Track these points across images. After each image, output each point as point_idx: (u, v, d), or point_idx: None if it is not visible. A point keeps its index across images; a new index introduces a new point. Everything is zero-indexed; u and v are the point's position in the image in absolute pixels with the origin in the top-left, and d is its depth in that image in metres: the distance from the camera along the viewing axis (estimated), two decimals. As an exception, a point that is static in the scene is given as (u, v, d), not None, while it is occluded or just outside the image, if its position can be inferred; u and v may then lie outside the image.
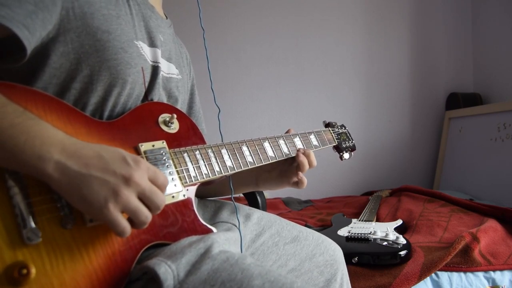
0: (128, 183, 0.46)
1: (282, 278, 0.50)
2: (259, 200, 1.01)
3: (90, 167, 0.45)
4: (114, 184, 0.45)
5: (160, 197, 0.49)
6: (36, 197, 0.47)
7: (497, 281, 1.06)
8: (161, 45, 0.74)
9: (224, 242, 0.57)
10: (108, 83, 0.61)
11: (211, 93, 0.80)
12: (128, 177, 0.46)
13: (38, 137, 0.44)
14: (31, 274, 0.42)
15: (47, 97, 0.54)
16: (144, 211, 0.48)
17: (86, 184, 0.45)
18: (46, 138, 0.45)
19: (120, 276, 0.50)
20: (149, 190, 0.48)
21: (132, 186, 0.46)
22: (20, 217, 0.44)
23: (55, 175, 0.44)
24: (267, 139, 0.79)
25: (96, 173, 0.45)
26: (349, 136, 1.04)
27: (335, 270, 0.81)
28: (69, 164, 0.44)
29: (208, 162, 0.67)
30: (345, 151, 0.99)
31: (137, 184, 0.47)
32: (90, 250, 0.49)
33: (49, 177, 0.44)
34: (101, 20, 0.61)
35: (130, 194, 0.46)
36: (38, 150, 0.44)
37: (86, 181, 0.45)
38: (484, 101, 2.38)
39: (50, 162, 0.44)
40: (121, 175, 0.46)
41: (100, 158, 0.47)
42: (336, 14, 2.39)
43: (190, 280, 0.49)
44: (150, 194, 0.48)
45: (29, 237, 0.44)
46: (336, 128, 1.01)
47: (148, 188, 0.48)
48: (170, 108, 0.70)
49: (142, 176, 0.48)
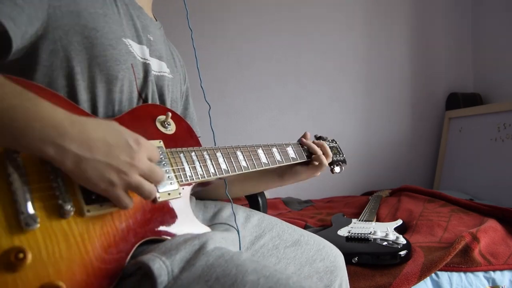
0: (131, 166, 0.49)
1: (277, 273, 0.50)
2: (259, 201, 1.01)
3: (94, 151, 0.46)
4: (118, 168, 0.48)
5: (158, 173, 0.53)
6: (35, 184, 0.47)
7: (497, 281, 1.06)
8: (151, 44, 0.75)
9: (220, 240, 0.58)
10: (98, 80, 0.62)
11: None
12: (130, 161, 0.49)
13: (38, 119, 0.44)
14: (27, 260, 0.42)
15: (43, 89, 0.55)
16: (146, 187, 0.51)
17: (90, 168, 0.46)
18: (46, 120, 0.44)
19: (115, 269, 0.51)
20: (149, 169, 0.51)
21: (134, 168, 0.49)
22: (19, 203, 0.45)
23: (58, 158, 0.45)
24: (260, 146, 0.83)
25: (99, 157, 0.47)
26: (340, 151, 1.07)
27: (335, 276, 0.80)
28: (72, 148, 0.45)
29: (204, 164, 0.68)
30: (336, 164, 1.02)
31: (138, 166, 0.50)
32: (87, 241, 0.49)
33: (53, 159, 0.45)
34: (88, 18, 0.62)
35: (132, 175, 0.49)
36: (38, 133, 0.43)
37: (90, 165, 0.46)
38: (484, 101, 2.38)
39: (52, 146, 0.44)
40: (124, 159, 0.48)
41: (104, 143, 0.48)
42: (336, 14, 2.39)
43: (185, 276, 0.49)
44: (150, 172, 0.52)
45: (27, 223, 0.44)
46: (327, 142, 1.03)
47: (148, 167, 0.51)
48: (167, 111, 0.71)
49: (142, 157, 0.50)
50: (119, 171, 0.48)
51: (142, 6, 0.77)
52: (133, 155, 0.49)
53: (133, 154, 0.49)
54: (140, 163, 0.50)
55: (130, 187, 0.50)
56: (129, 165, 0.49)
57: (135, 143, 0.50)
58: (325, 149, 0.93)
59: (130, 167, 0.49)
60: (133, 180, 0.49)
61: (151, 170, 0.52)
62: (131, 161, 0.49)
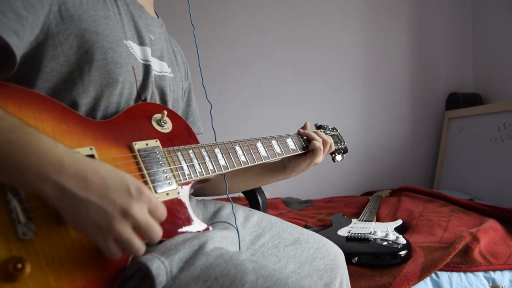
0: (125, 215, 0.44)
1: (276, 273, 0.50)
2: (259, 200, 1.01)
3: (90, 191, 0.43)
4: (110, 214, 0.43)
5: (155, 231, 0.47)
6: (30, 192, 0.46)
7: (497, 281, 1.06)
8: (152, 44, 0.74)
9: (220, 240, 0.57)
10: (99, 83, 0.62)
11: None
12: (126, 209, 0.44)
13: (35, 154, 0.42)
14: (26, 269, 0.42)
15: (41, 97, 0.54)
16: (136, 244, 0.45)
17: (83, 209, 0.43)
18: (44, 156, 0.43)
19: (116, 272, 0.50)
20: (145, 225, 0.46)
21: (128, 218, 0.44)
22: (14, 212, 0.44)
23: (54, 195, 0.43)
24: (259, 139, 0.81)
25: (94, 198, 0.43)
26: (341, 139, 1.06)
27: (335, 274, 0.80)
28: (68, 186, 0.43)
29: (202, 161, 0.67)
30: (337, 153, 1.00)
31: (134, 218, 0.45)
32: (86, 246, 0.49)
33: (48, 196, 0.43)
34: (89, 21, 0.61)
35: (124, 226, 0.44)
36: (34, 169, 0.42)
37: (83, 205, 0.43)
38: (484, 101, 2.38)
39: (48, 183, 0.42)
40: (119, 206, 0.44)
41: (102, 184, 0.44)
42: (337, 14, 2.39)
43: (183, 276, 0.49)
44: (145, 228, 0.46)
45: (24, 232, 0.44)
46: (328, 130, 1.03)
47: (145, 222, 0.46)
48: (163, 109, 0.70)
49: (141, 209, 0.46)
50: (111, 218, 0.43)
51: (143, 4, 0.76)
52: (131, 203, 0.45)
53: (130, 202, 0.45)
54: (137, 213, 0.45)
55: (118, 240, 0.45)
56: (123, 213, 0.44)
57: (136, 191, 0.46)
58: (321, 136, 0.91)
59: (123, 215, 0.44)
60: (124, 232, 0.44)
61: (148, 226, 0.46)
62: (127, 209, 0.44)
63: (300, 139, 0.92)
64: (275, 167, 0.94)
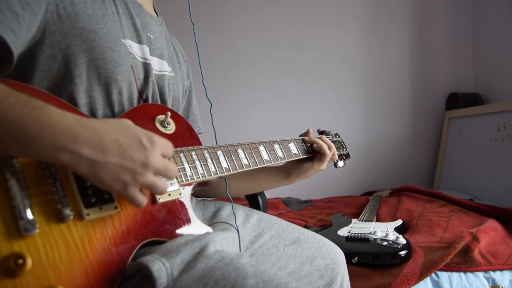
0: (146, 167, 0.48)
1: (277, 278, 0.50)
2: (260, 200, 1.01)
3: (108, 153, 0.46)
4: (132, 170, 0.47)
5: (173, 170, 0.53)
6: (33, 189, 0.47)
7: (497, 281, 1.06)
8: (151, 43, 0.74)
9: (221, 241, 0.57)
10: (97, 83, 0.62)
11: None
12: (145, 162, 0.48)
13: (47, 126, 0.44)
14: (27, 265, 0.42)
15: (44, 94, 0.54)
16: (160, 186, 0.51)
17: (105, 170, 0.46)
18: (56, 126, 0.44)
19: (116, 272, 0.51)
20: (164, 168, 0.51)
21: (148, 168, 0.49)
22: (17, 209, 0.44)
23: (72, 163, 0.45)
24: (262, 143, 0.81)
25: (113, 160, 0.46)
26: (343, 144, 1.06)
27: (335, 274, 0.80)
28: (85, 153, 0.44)
29: (204, 163, 0.68)
30: (340, 158, 1.01)
31: (153, 166, 0.49)
32: (87, 244, 0.49)
33: (67, 165, 0.45)
34: (86, 20, 0.61)
35: (146, 176, 0.49)
36: (49, 141, 0.43)
37: (104, 168, 0.46)
38: (484, 101, 2.38)
39: (64, 152, 0.44)
40: (139, 161, 0.48)
41: (117, 144, 0.47)
42: (337, 14, 2.39)
43: (184, 278, 0.49)
44: (165, 170, 0.51)
45: (26, 228, 0.44)
46: (330, 136, 1.03)
47: (163, 166, 0.51)
48: (166, 110, 0.70)
49: (157, 157, 0.50)
50: (134, 172, 0.47)
51: (142, 3, 0.76)
52: (148, 155, 0.48)
53: (147, 154, 0.48)
54: (154, 162, 0.49)
55: (144, 187, 0.50)
56: (144, 166, 0.48)
57: (148, 142, 0.49)
58: (327, 142, 0.91)
59: (144, 168, 0.48)
60: (148, 180, 0.49)
61: (166, 168, 0.51)
62: (146, 161, 0.48)
63: (303, 144, 0.92)
64: (279, 173, 0.93)
